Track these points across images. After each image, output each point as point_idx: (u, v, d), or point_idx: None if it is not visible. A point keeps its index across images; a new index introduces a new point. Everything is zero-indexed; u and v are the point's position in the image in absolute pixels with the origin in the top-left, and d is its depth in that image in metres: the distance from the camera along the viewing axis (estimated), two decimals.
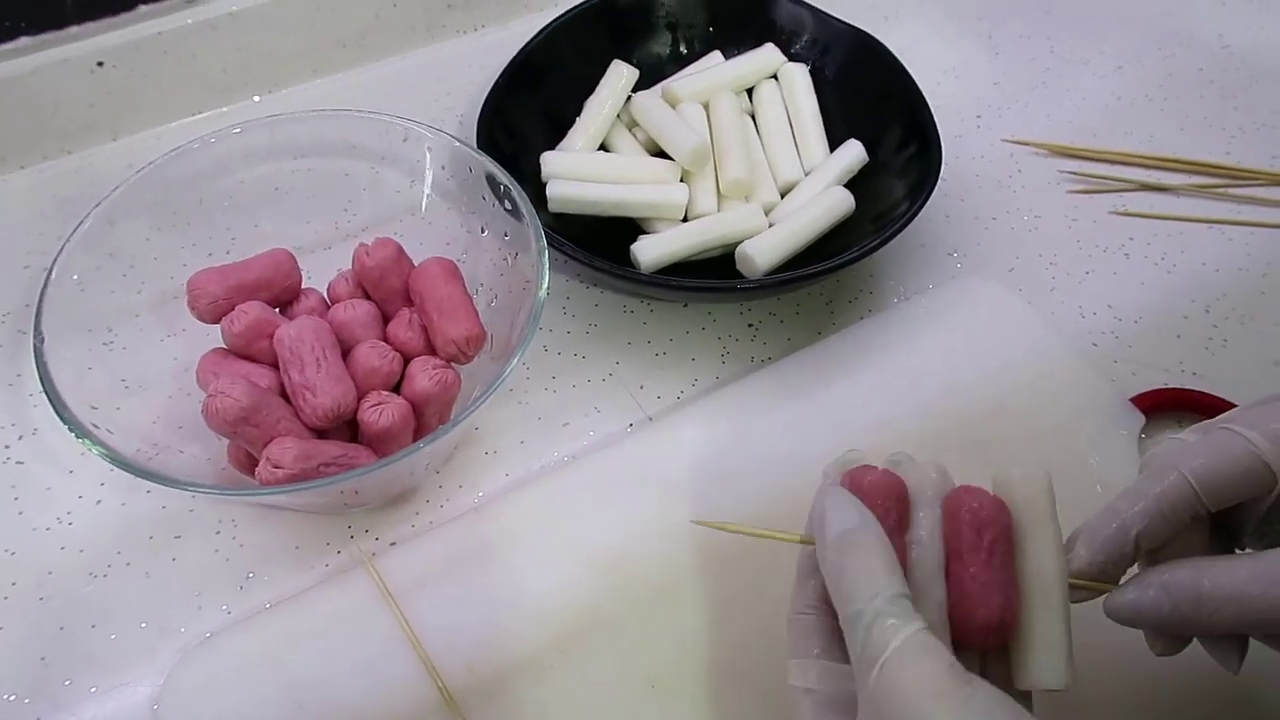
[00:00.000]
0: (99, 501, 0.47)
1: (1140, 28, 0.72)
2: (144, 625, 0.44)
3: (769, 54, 0.61)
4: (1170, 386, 0.51)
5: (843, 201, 0.54)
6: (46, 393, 0.40)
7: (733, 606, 0.44)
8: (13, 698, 0.42)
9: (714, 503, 0.47)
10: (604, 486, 0.47)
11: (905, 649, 0.28)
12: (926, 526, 0.33)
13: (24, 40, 0.56)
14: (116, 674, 0.43)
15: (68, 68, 0.58)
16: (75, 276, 0.45)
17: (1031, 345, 0.52)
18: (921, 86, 0.57)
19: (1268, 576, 0.31)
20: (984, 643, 0.32)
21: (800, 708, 0.32)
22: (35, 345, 0.41)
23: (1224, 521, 0.35)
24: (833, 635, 0.32)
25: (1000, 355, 0.52)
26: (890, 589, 0.29)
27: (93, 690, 0.42)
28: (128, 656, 0.43)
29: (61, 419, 0.39)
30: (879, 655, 0.28)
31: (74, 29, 0.58)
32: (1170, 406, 0.51)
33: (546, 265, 0.44)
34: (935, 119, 0.55)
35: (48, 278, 0.43)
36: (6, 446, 0.49)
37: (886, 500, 0.33)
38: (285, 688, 0.41)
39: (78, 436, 0.39)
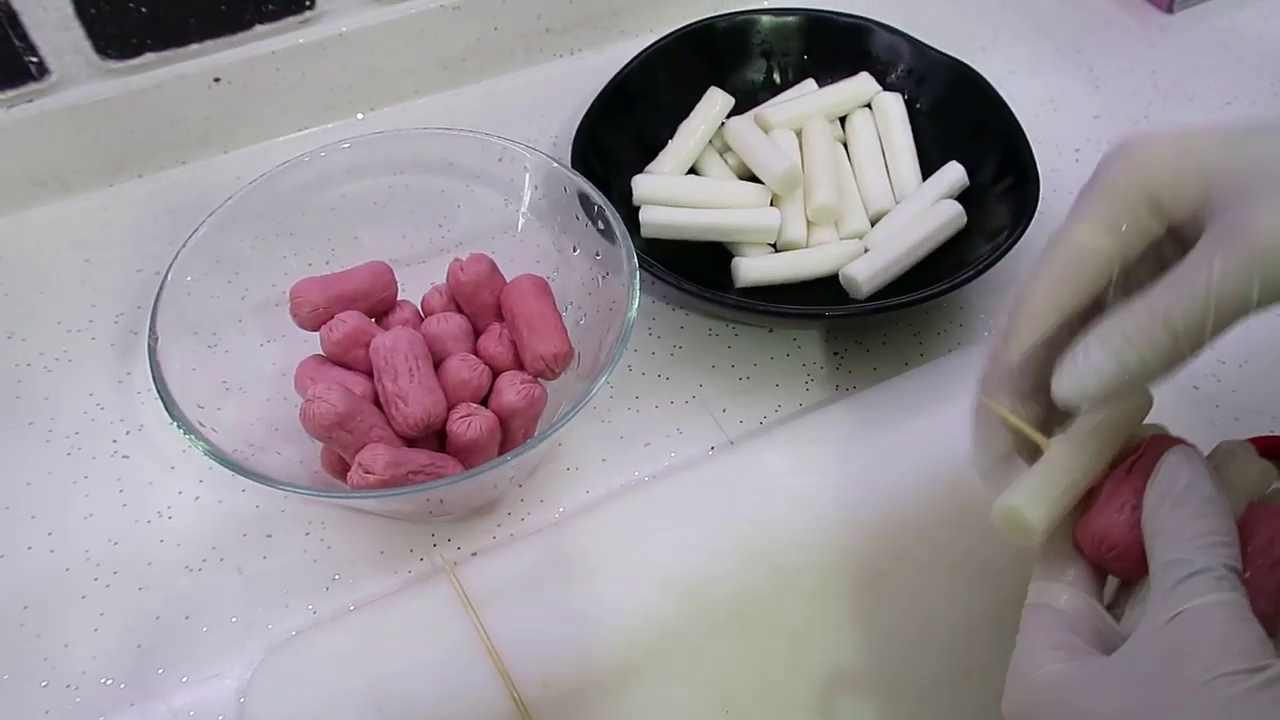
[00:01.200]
0: (197, 498, 0.49)
1: (1251, 62, 0.70)
2: (234, 620, 0.45)
3: (863, 83, 0.60)
4: (1276, 435, 0.49)
5: (955, 217, 0.53)
6: (159, 391, 0.42)
7: (810, 637, 0.43)
8: (109, 682, 0.44)
9: (793, 530, 0.46)
10: (683, 508, 0.47)
11: (1218, 610, 0.26)
12: None
13: (149, 56, 0.59)
14: (207, 665, 0.44)
15: (186, 83, 0.61)
16: (187, 280, 0.47)
17: None
18: (1020, 119, 0.56)
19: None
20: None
21: (1030, 621, 0.31)
22: (150, 345, 0.43)
23: None
24: (1086, 573, 0.31)
25: None
26: (1224, 556, 0.27)
27: (184, 680, 0.44)
28: (218, 649, 0.44)
29: (171, 416, 0.41)
30: (1187, 600, 0.26)
31: (194, 46, 0.60)
32: (1276, 455, 0.49)
33: (637, 287, 0.45)
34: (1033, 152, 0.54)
35: (163, 281, 0.45)
36: (114, 440, 0.51)
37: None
38: (364, 689, 0.42)
39: (186, 434, 0.41)
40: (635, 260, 0.46)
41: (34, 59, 0.57)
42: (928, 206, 0.54)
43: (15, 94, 0.58)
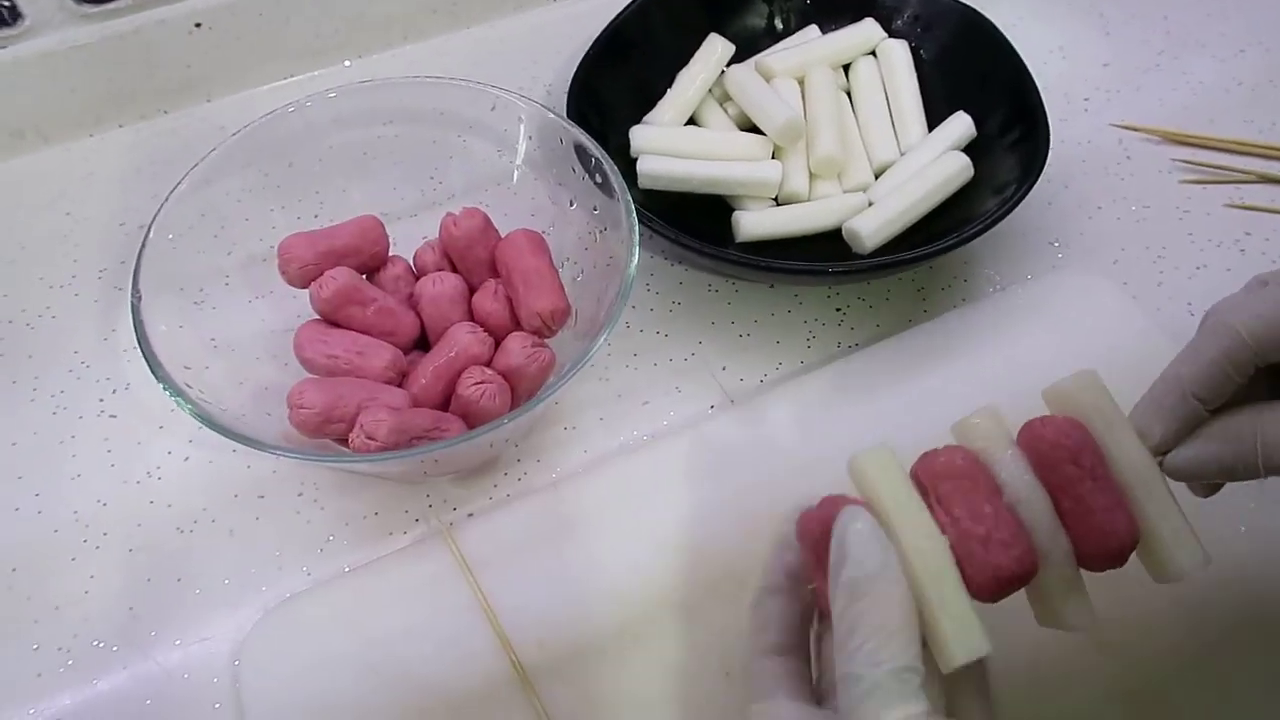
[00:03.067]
0: (187, 459, 0.48)
1: (1265, 8, 0.68)
2: (227, 582, 0.45)
3: (868, 29, 0.58)
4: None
5: (962, 169, 0.52)
6: (142, 350, 0.40)
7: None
8: (100, 644, 0.43)
9: (794, 490, 0.45)
10: (683, 469, 0.46)
11: None
12: (1020, 480, 0.31)
13: (125, 0, 0.57)
14: (200, 628, 0.43)
15: (166, 28, 0.59)
16: (170, 236, 0.45)
17: (1136, 343, 0.50)
18: (1029, 66, 0.54)
19: None
20: (1116, 565, 0.31)
21: None
22: (133, 303, 0.41)
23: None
24: (795, 679, 0.31)
25: (1101, 352, 0.50)
26: (899, 659, 0.27)
27: (177, 642, 0.43)
28: (211, 612, 0.44)
29: (156, 377, 0.40)
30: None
31: None
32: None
33: (637, 242, 0.43)
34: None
35: (146, 236, 0.44)
36: (101, 400, 0.50)
37: (964, 479, 0.30)
38: (360, 651, 0.42)
39: (171, 395, 0.40)
40: (634, 215, 0.44)
41: (6, 3, 0.55)
42: (934, 159, 0.53)
43: None
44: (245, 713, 0.40)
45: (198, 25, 0.59)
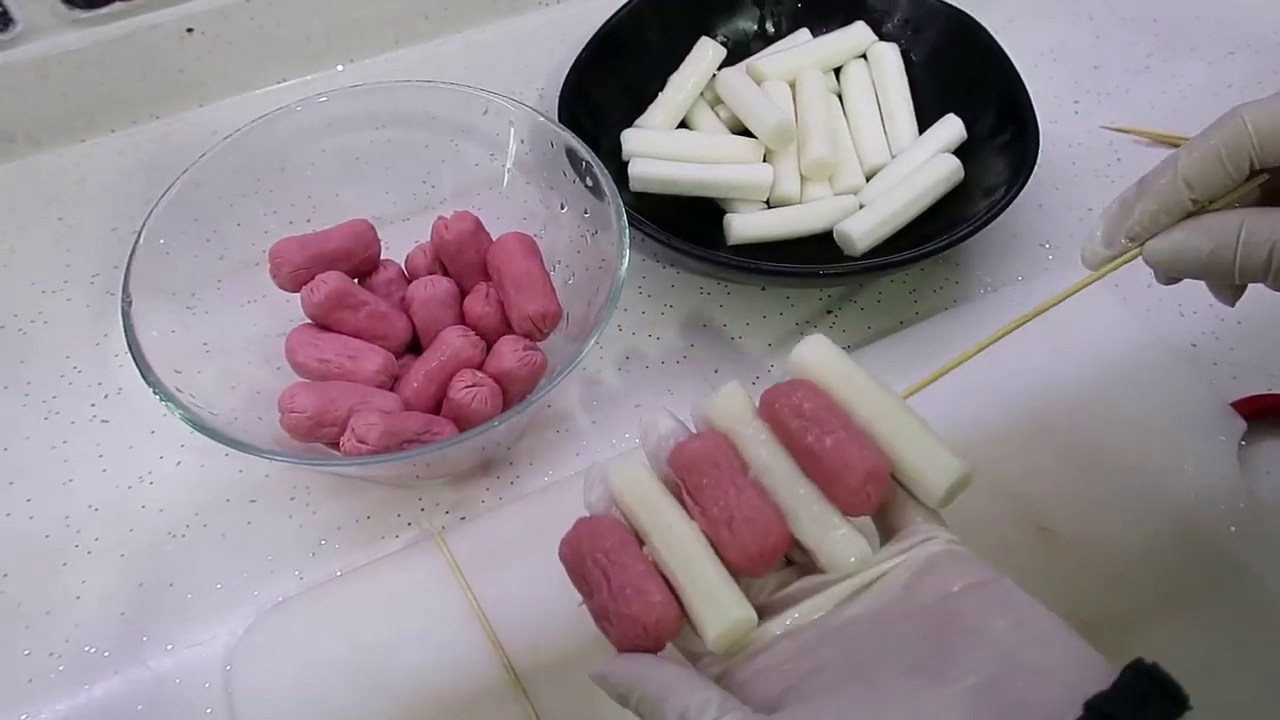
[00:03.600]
0: (179, 463, 0.48)
1: (1255, 10, 0.68)
2: (219, 586, 0.45)
3: (859, 32, 0.59)
4: (1274, 392, 0.49)
5: (952, 172, 0.52)
6: (133, 355, 0.40)
7: None
8: (92, 650, 0.43)
9: None
10: None
11: None
12: (762, 450, 0.31)
13: (118, 5, 0.57)
14: (192, 632, 0.43)
15: (158, 33, 0.59)
16: (162, 241, 0.45)
17: (1126, 344, 0.50)
18: (1019, 69, 0.55)
19: None
20: (865, 504, 0.30)
21: None
22: (123, 308, 0.41)
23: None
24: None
25: (1092, 353, 0.50)
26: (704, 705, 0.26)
27: (169, 647, 0.43)
28: (203, 616, 0.44)
29: (147, 381, 0.40)
30: None
31: None
32: (1274, 413, 0.48)
33: (627, 245, 0.44)
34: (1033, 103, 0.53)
35: (136, 241, 0.44)
36: (93, 405, 0.50)
37: (708, 466, 0.31)
38: (352, 656, 0.42)
39: (162, 400, 0.40)
40: (625, 218, 0.44)
41: None
42: (925, 161, 0.53)
43: None
44: (237, 711, 0.40)
45: (189, 30, 0.59)
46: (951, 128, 0.54)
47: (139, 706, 0.42)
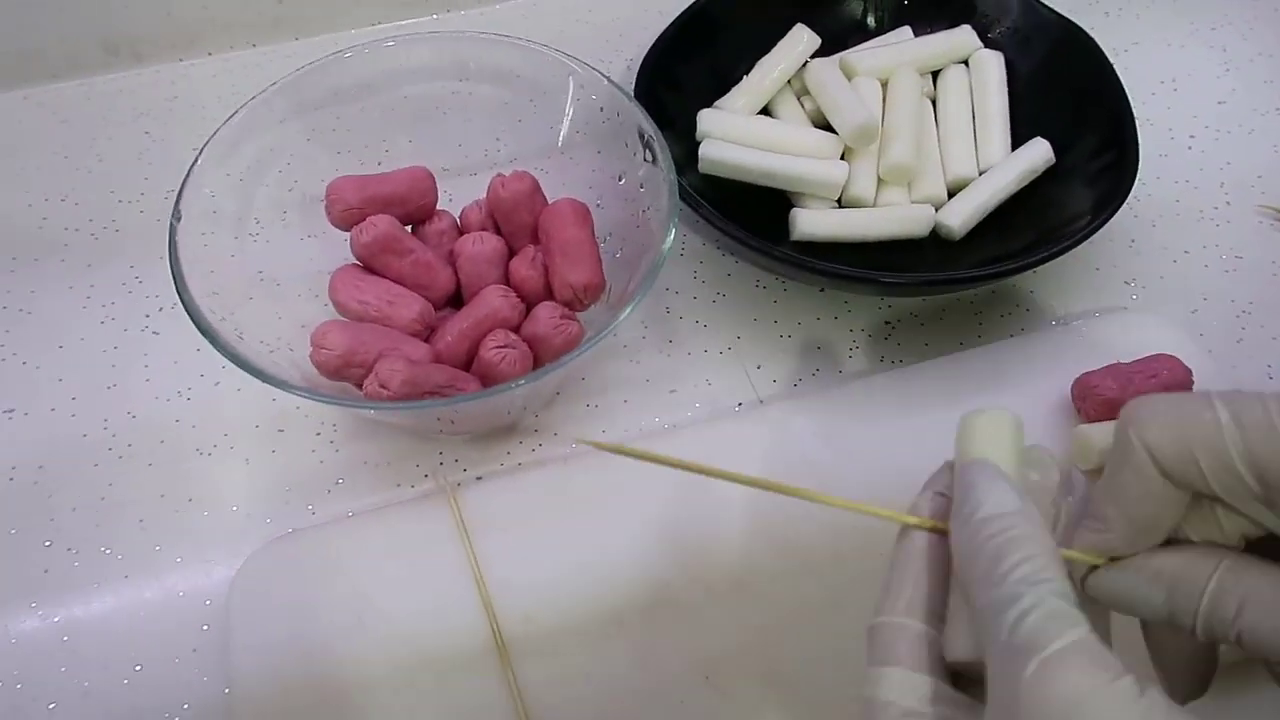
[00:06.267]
0: (217, 383, 0.49)
1: None
2: (234, 509, 0.45)
3: (963, 36, 0.56)
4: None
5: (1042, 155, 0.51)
6: (172, 272, 0.41)
7: (806, 614, 0.41)
8: (108, 551, 0.44)
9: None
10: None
11: (1076, 650, 0.23)
12: None
13: None
14: (202, 550, 0.44)
15: None
16: (225, 163, 0.46)
17: None
18: (1134, 95, 0.51)
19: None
20: None
21: None
22: (171, 224, 0.42)
23: None
24: (923, 646, 0.28)
25: None
26: (1058, 584, 0.24)
27: (178, 560, 0.44)
28: (214, 536, 0.45)
29: (181, 300, 0.40)
30: (1040, 648, 0.23)
31: None
32: None
33: (675, 220, 0.42)
34: (1139, 132, 0.49)
35: (196, 159, 0.44)
36: (147, 315, 0.52)
37: None
38: (348, 596, 0.42)
39: (193, 320, 0.40)
40: (676, 194, 0.43)
41: None
42: (1011, 180, 0.50)
43: None
44: (231, 637, 0.41)
45: None
46: (1037, 152, 0.51)
47: (141, 613, 0.43)
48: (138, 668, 0.41)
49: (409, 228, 0.48)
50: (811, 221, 0.50)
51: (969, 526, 0.27)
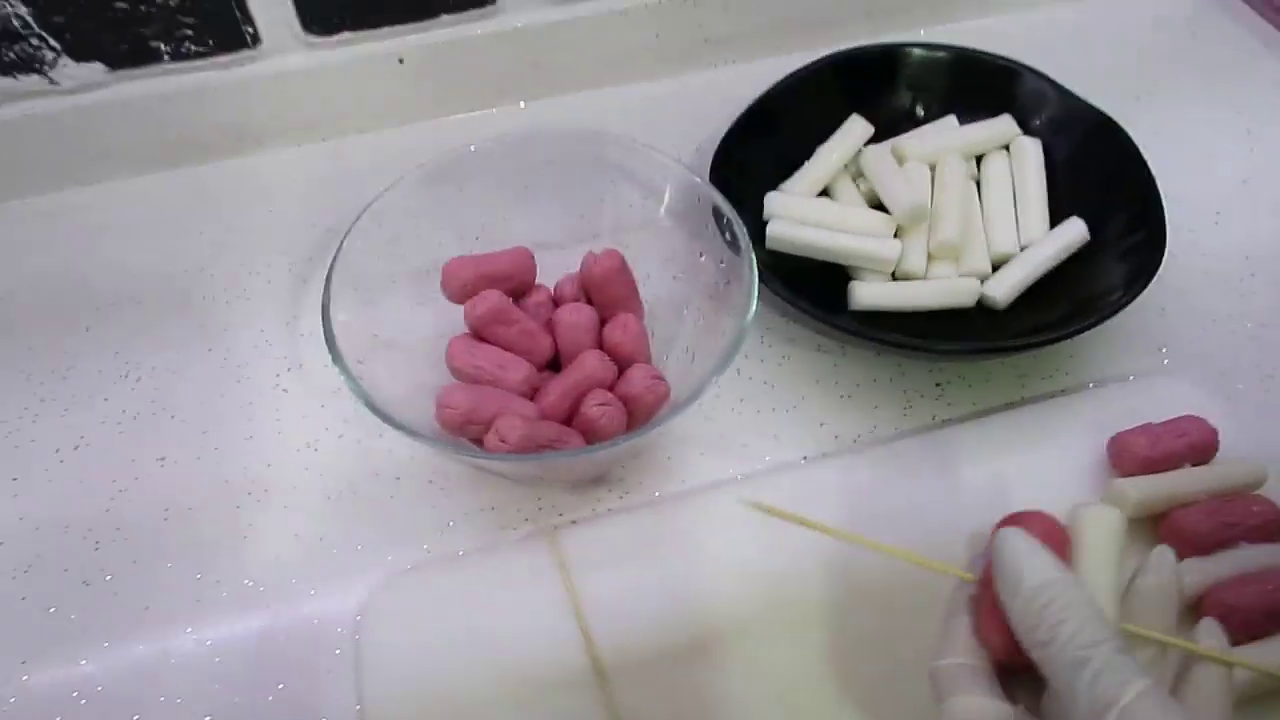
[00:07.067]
0: (341, 436, 0.55)
1: None
2: (359, 547, 0.51)
3: (1004, 125, 0.62)
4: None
5: (1078, 232, 0.57)
6: (328, 342, 0.47)
7: (872, 644, 0.46)
8: (250, 584, 0.50)
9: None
10: None
11: (1146, 699, 0.29)
12: None
13: (346, 34, 0.66)
14: (332, 582, 0.50)
15: (375, 61, 0.67)
16: (358, 245, 0.53)
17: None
18: (1162, 173, 0.57)
19: None
20: None
21: None
22: (324, 301, 0.48)
23: None
24: (982, 677, 0.34)
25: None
26: (1113, 642, 0.30)
27: (312, 593, 0.50)
28: (343, 570, 0.50)
29: (337, 365, 0.46)
30: (1117, 701, 0.29)
31: (385, 29, 0.67)
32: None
33: (755, 298, 0.48)
34: (1166, 210, 0.55)
35: (340, 246, 0.51)
36: (277, 375, 0.58)
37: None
38: (461, 625, 0.47)
39: (347, 380, 0.46)
40: (755, 273, 0.49)
41: (250, 29, 0.64)
42: (1050, 255, 0.56)
43: (231, 58, 0.65)
44: (361, 660, 0.47)
45: (401, 60, 0.68)
46: (1074, 229, 0.57)
47: (281, 638, 0.48)
48: (280, 686, 0.47)
49: (512, 300, 0.54)
50: (869, 294, 0.56)
51: (1019, 598, 0.33)
